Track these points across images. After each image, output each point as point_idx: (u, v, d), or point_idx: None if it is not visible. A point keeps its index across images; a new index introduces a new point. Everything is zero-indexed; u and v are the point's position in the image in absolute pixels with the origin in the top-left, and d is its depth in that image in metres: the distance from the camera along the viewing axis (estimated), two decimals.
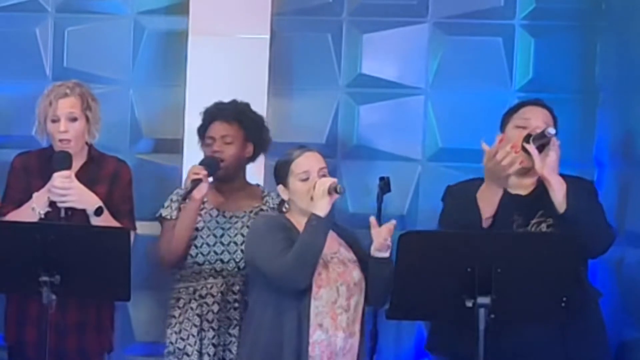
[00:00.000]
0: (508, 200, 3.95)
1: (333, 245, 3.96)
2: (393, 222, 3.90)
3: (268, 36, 5.11)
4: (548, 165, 3.85)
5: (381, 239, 3.85)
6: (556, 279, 3.59)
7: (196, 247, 4.37)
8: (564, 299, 3.60)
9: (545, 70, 5.10)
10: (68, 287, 3.68)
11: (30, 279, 3.66)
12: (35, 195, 4.11)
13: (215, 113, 4.50)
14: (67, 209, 4.07)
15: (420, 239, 3.64)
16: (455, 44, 5.14)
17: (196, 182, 4.25)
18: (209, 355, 4.29)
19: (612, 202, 4.66)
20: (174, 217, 4.39)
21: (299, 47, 5.20)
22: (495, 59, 5.11)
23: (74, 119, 4.20)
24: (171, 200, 4.44)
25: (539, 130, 3.92)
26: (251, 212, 4.43)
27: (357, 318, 3.90)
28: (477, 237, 3.64)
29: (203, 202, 4.38)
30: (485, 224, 3.86)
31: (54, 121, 4.18)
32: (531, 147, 3.88)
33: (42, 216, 4.10)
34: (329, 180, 3.86)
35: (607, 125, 5.00)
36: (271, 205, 4.43)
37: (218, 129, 4.45)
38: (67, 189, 4.06)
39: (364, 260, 3.94)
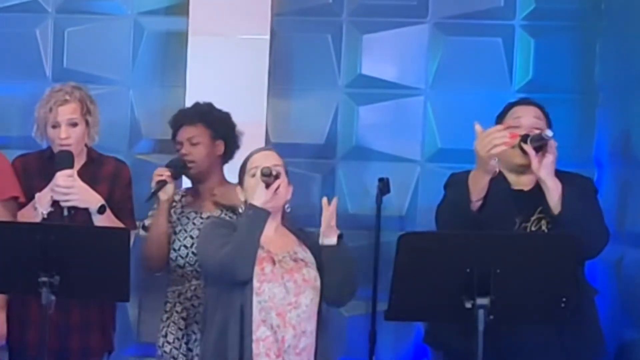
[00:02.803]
0: (510, 196, 3.96)
1: (288, 245, 3.93)
2: (334, 200, 3.86)
3: (268, 37, 5.11)
4: (544, 166, 3.86)
5: (325, 222, 3.82)
6: (555, 280, 3.58)
7: (175, 250, 4.37)
8: (564, 299, 3.59)
9: (545, 70, 5.11)
10: (67, 287, 3.67)
11: (30, 280, 3.65)
12: (37, 195, 4.11)
13: (179, 119, 4.50)
14: (69, 208, 4.07)
15: (419, 240, 3.63)
16: (455, 45, 5.14)
17: (160, 184, 4.27)
18: (198, 356, 4.25)
19: (612, 202, 4.66)
20: None
21: (299, 47, 5.20)
22: (495, 60, 5.11)
23: (74, 125, 4.21)
24: (154, 209, 4.44)
25: (536, 131, 3.93)
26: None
27: (311, 316, 3.84)
28: (476, 238, 3.63)
29: (181, 206, 4.40)
30: (474, 206, 3.86)
31: (54, 127, 4.19)
32: (528, 148, 3.89)
33: (45, 216, 4.09)
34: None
35: (607, 125, 5.00)
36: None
37: (183, 132, 4.45)
38: (70, 188, 4.07)
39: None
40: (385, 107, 5.18)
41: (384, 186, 4.80)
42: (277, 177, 3.82)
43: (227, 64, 5.07)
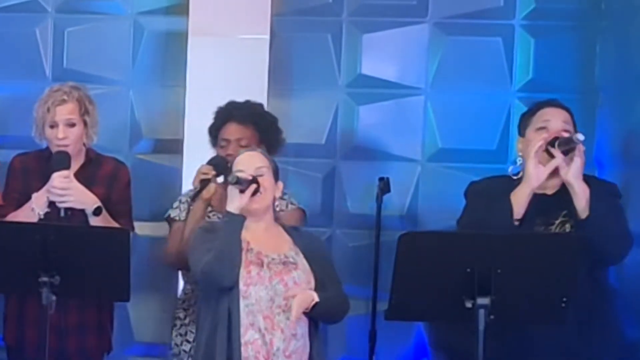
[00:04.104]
0: (533, 200, 3.93)
1: (280, 246, 3.91)
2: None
3: (268, 37, 5.11)
4: (573, 170, 3.83)
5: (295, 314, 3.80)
6: (556, 280, 3.58)
7: None
8: (564, 299, 3.59)
9: (545, 70, 5.10)
10: (68, 287, 3.68)
11: (30, 280, 3.65)
12: (34, 195, 4.11)
13: (229, 113, 4.43)
14: (66, 209, 4.07)
15: (419, 240, 3.63)
16: (455, 44, 5.14)
17: (205, 182, 4.23)
18: None
19: None
20: (182, 218, 4.34)
21: (299, 47, 5.20)
22: (495, 59, 5.11)
23: (72, 125, 4.20)
24: (180, 201, 4.41)
25: (565, 135, 3.89)
26: None
27: (302, 319, 3.83)
28: (476, 238, 3.63)
29: (209, 204, 4.37)
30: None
31: (52, 127, 4.18)
32: (556, 152, 3.87)
33: (42, 217, 4.10)
34: (241, 173, 3.82)
35: (607, 125, 5.00)
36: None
37: (233, 131, 4.39)
38: (66, 189, 4.06)
39: (319, 280, 3.89)
40: (386, 107, 5.18)
41: (384, 186, 4.80)
42: (253, 181, 3.81)
43: (227, 64, 5.07)
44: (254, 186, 3.81)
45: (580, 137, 3.84)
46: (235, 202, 3.81)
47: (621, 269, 4.61)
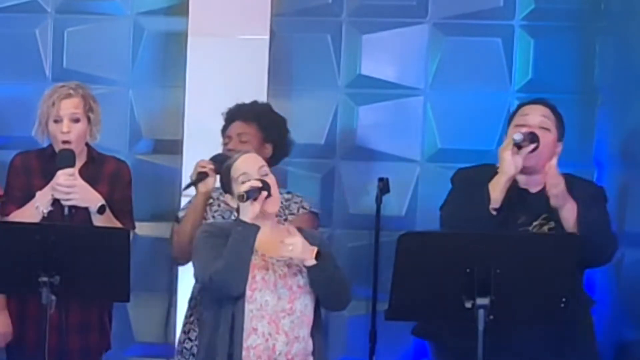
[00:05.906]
0: (516, 195, 3.93)
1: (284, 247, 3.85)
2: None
3: (267, 37, 5.11)
4: (554, 197, 3.81)
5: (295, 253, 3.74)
6: (555, 280, 3.59)
7: None
8: (563, 299, 3.60)
9: (544, 70, 5.11)
10: (67, 287, 3.67)
11: (30, 280, 3.65)
12: (38, 193, 4.11)
13: (235, 113, 4.47)
14: (70, 207, 4.06)
15: (419, 240, 3.64)
16: (455, 45, 5.15)
17: (202, 175, 4.23)
18: None
19: (612, 202, 4.65)
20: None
21: (299, 48, 5.20)
22: (495, 60, 5.12)
23: (77, 120, 4.19)
24: (190, 202, 4.40)
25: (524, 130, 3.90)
26: None
27: (305, 322, 3.80)
28: (476, 238, 3.63)
29: (218, 205, 4.35)
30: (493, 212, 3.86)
31: (56, 121, 4.17)
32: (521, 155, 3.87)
33: (45, 214, 4.09)
34: (248, 184, 3.75)
35: (607, 125, 5.00)
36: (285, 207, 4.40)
37: (235, 127, 4.42)
38: (71, 187, 4.06)
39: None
40: (385, 107, 5.18)
41: (383, 186, 4.80)
42: (262, 188, 3.74)
43: (227, 64, 5.07)
44: (264, 193, 3.74)
45: (516, 137, 3.85)
46: (248, 211, 3.73)
47: (619, 269, 4.63)
